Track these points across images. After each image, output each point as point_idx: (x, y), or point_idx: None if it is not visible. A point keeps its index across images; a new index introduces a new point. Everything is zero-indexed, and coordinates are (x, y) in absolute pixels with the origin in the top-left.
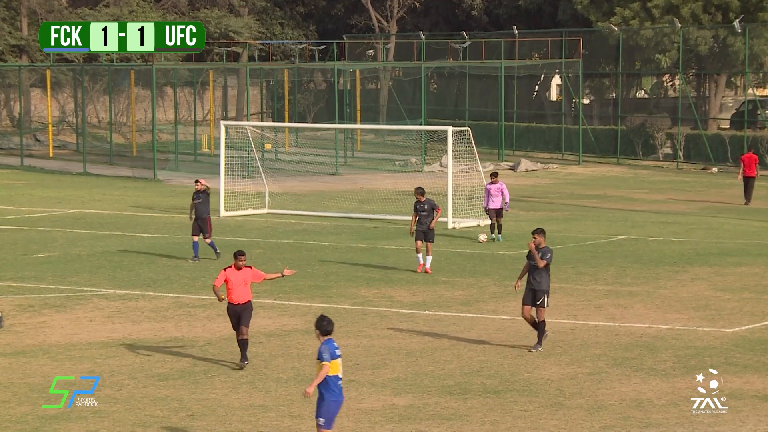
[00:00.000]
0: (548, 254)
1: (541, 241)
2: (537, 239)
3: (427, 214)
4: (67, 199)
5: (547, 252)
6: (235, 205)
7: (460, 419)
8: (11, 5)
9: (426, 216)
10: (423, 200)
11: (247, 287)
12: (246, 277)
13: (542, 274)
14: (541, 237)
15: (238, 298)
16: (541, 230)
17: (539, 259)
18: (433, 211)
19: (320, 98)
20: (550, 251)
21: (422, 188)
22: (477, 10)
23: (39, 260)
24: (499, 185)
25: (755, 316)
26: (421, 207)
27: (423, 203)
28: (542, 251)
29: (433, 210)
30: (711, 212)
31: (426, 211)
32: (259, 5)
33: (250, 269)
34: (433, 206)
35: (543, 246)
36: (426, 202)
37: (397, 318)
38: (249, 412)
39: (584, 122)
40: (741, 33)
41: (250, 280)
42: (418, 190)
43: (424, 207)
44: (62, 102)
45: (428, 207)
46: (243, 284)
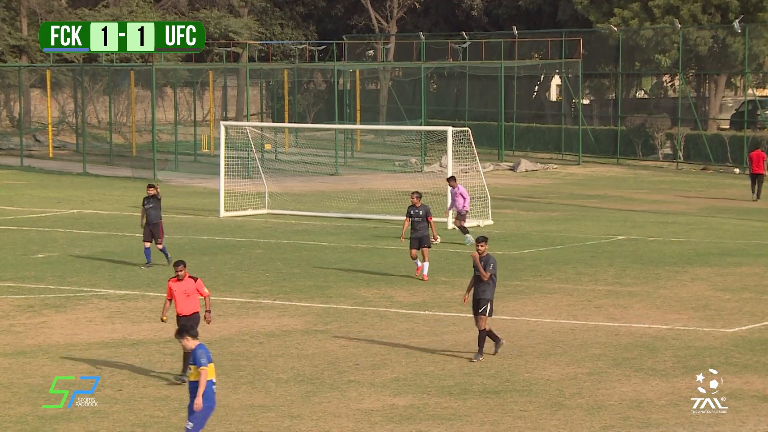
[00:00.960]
0: (491, 264)
1: (484, 250)
2: (481, 248)
3: (421, 220)
4: (66, 200)
5: (489, 262)
6: (234, 206)
7: (460, 419)
8: (11, 5)
9: (419, 222)
10: (419, 205)
11: (192, 298)
12: (188, 288)
13: (488, 283)
14: (485, 246)
15: (183, 310)
16: (484, 238)
17: (483, 272)
18: (426, 219)
19: (320, 98)
20: (493, 261)
21: (420, 192)
22: (477, 11)
23: (39, 260)
24: (458, 189)
25: (755, 316)
26: (416, 212)
27: (418, 208)
28: (484, 260)
29: (427, 217)
30: (711, 212)
31: (420, 217)
32: (259, 5)
33: (194, 281)
34: (427, 212)
35: (485, 255)
36: (421, 207)
37: (397, 318)
38: (249, 412)
39: (584, 122)
40: (741, 33)
41: (193, 291)
42: (416, 194)
43: (418, 212)
44: (62, 102)
45: (423, 213)
46: (185, 295)
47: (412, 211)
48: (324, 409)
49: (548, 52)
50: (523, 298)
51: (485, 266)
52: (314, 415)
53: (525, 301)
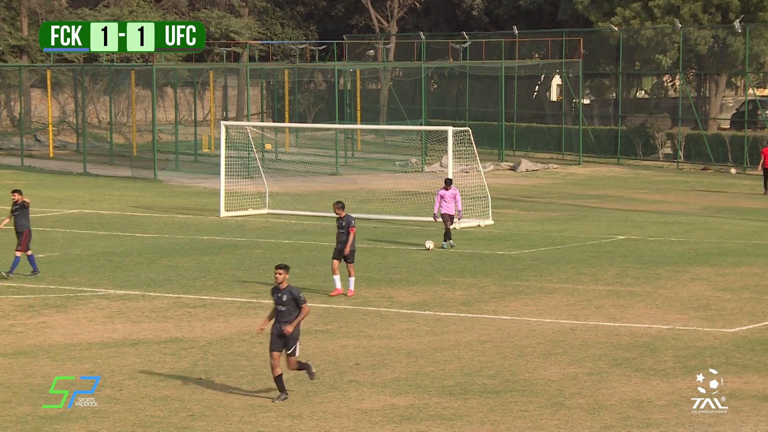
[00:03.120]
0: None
1: (284, 278)
2: (279, 276)
3: (344, 231)
4: (67, 200)
5: (292, 292)
6: (235, 206)
7: (460, 419)
8: (11, 5)
9: (343, 234)
10: (342, 215)
11: None
12: None
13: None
14: (285, 274)
15: None
16: (283, 266)
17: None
18: (348, 230)
19: (320, 98)
20: (296, 292)
21: (342, 202)
22: (477, 10)
23: (39, 260)
24: (453, 191)
25: (755, 316)
26: (339, 223)
27: (341, 219)
28: (284, 292)
29: (349, 229)
30: (711, 212)
31: (343, 228)
32: (260, 5)
33: None
34: (349, 224)
35: (285, 286)
36: (344, 218)
37: (397, 318)
38: (249, 412)
39: (584, 122)
40: (741, 33)
41: None
42: (338, 204)
43: (341, 224)
44: (62, 102)
45: (345, 224)
46: None
47: (336, 222)
48: (324, 408)
49: (549, 52)
50: (523, 298)
51: (298, 299)
52: (314, 415)
53: (525, 301)
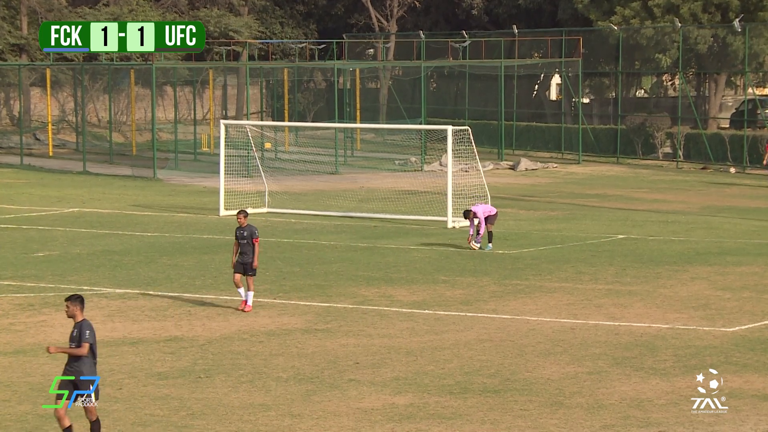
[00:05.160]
0: (87, 332)
1: (75, 312)
2: (69, 310)
3: (247, 242)
4: (66, 198)
5: (84, 330)
6: (234, 204)
7: (460, 418)
8: (11, 4)
9: (246, 245)
10: (245, 225)
11: None
12: None
13: (83, 360)
14: (76, 307)
15: None
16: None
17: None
18: (252, 241)
19: (320, 97)
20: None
21: (245, 210)
22: (477, 10)
23: (39, 259)
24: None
25: (755, 315)
26: (240, 234)
27: (243, 229)
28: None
29: (252, 240)
30: (711, 212)
31: (245, 239)
32: (259, 4)
33: None
34: (252, 234)
35: (80, 319)
36: (246, 228)
37: (397, 317)
38: (249, 411)
39: (584, 121)
40: (741, 32)
41: None
42: (242, 213)
43: (243, 234)
44: (62, 101)
45: (248, 234)
46: None
47: (237, 232)
48: (324, 408)
49: (548, 51)
50: (523, 297)
51: (81, 336)
52: (314, 414)
53: (525, 300)
